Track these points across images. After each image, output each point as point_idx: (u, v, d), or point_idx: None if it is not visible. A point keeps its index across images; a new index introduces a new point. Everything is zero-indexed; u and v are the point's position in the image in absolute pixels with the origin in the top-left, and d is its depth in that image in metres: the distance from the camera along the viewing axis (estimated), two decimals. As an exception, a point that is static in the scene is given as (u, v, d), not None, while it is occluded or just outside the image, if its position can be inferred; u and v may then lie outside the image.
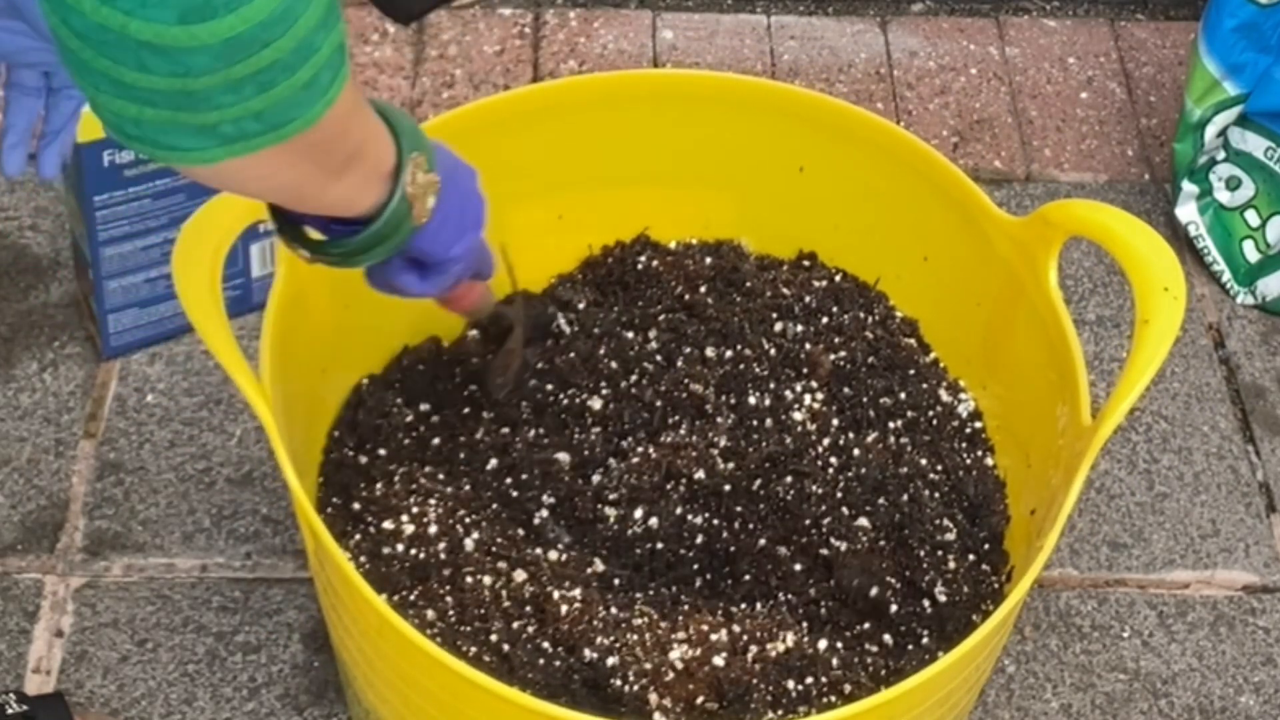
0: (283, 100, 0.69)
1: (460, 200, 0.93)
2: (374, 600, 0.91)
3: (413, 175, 0.86)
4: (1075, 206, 1.11)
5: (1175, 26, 1.77)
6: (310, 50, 0.69)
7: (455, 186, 0.92)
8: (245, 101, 0.68)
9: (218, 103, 0.68)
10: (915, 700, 0.95)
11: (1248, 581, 1.33)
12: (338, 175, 0.80)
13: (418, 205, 0.87)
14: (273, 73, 0.68)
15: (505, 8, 1.71)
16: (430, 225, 0.89)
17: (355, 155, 0.81)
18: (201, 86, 0.67)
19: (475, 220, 0.96)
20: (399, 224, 0.87)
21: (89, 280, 1.33)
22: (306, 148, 0.74)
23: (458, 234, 0.93)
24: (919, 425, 1.20)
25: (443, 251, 0.93)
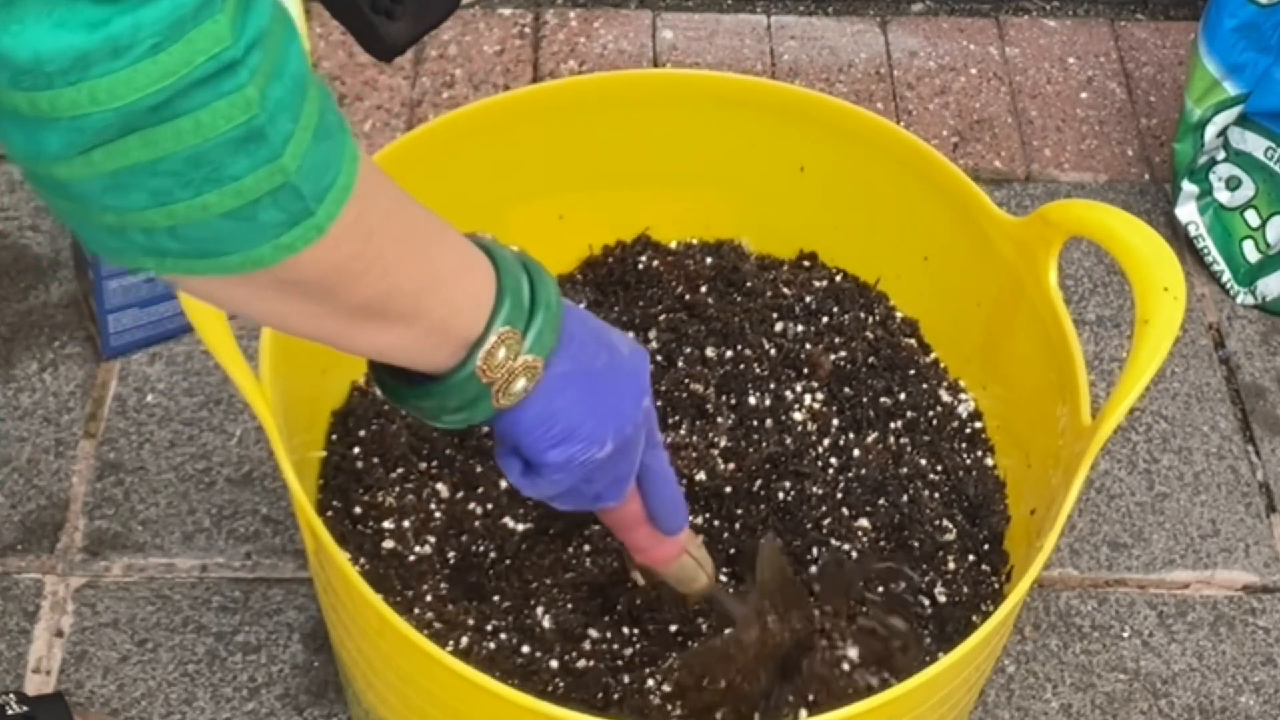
0: (196, 223, 0.58)
1: (577, 403, 0.77)
2: (374, 600, 0.91)
3: (492, 351, 0.72)
4: (1075, 206, 1.11)
5: (1175, 26, 1.77)
6: (218, 171, 0.56)
7: (578, 386, 0.77)
8: (141, 210, 0.57)
9: (102, 202, 0.57)
10: (915, 700, 0.95)
11: (1248, 581, 1.33)
12: (357, 326, 0.68)
13: (499, 388, 0.74)
14: (157, 180, 0.56)
15: (505, 8, 1.71)
16: (520, 415, 0.76)
17: (385, 312, 0.68)
18: (64, 175, 0.56)
19: (593, 433, 0.78)
20: (469, 401, 0.74)
21: (89, 280, 1.33)
22: (286, 288, 0.63)
23: (560, 438, 0.77)
24: (919, 425, 1.20)
25: (534, 452, 0.78)
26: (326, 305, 0.66)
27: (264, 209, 0.58)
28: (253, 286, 0.62)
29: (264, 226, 0.59)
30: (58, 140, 0.55)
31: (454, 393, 0.74)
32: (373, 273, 0.66)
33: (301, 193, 0.59)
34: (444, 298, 0.71)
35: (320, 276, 0.63)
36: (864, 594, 1.07)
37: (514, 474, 0.80)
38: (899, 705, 0.93)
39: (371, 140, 1.56)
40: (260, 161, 0.57)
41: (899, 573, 1.10)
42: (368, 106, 1.59)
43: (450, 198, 1.19)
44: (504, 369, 0.73)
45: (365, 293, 0.66)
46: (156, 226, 0.58)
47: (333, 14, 0.88)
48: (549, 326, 0.75)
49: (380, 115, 1.58)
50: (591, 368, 0.78)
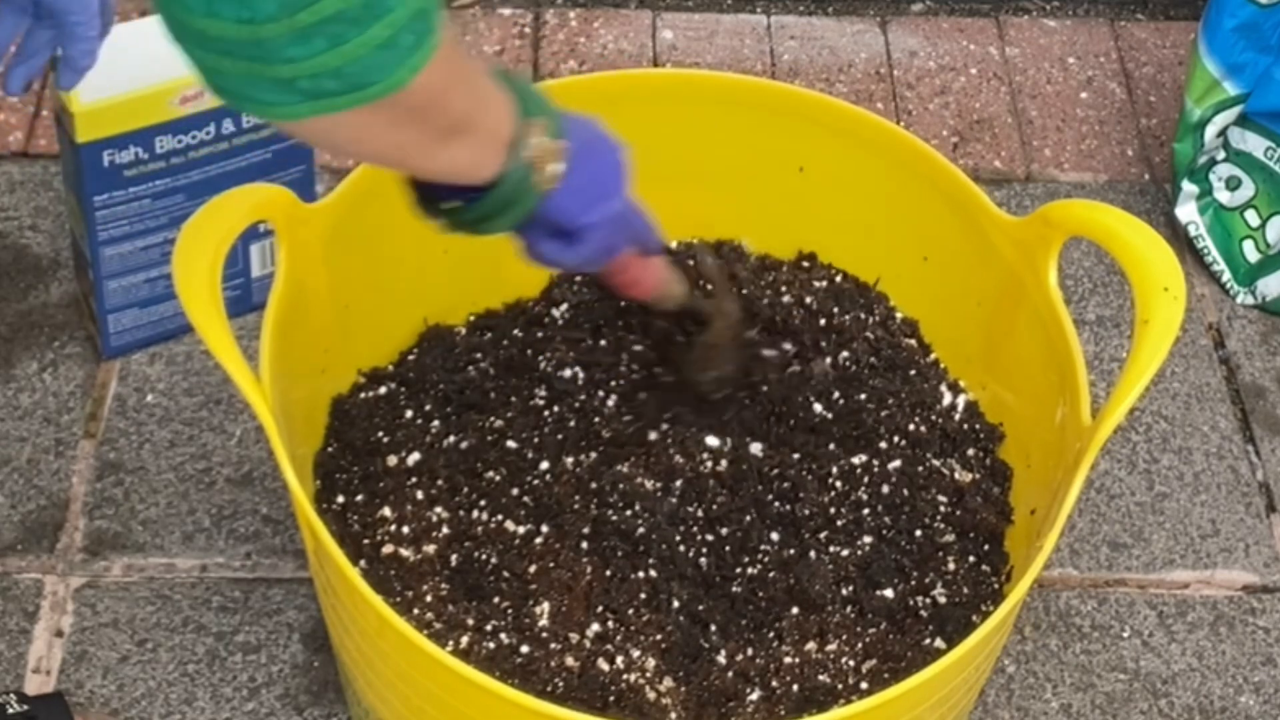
0: (357, 59, 0.69)
1: (593, 168, 0.93)
2: (373, 600, 0.91)
3: (537, 142, 0.87)
4: (1075, 206, 1.11)
5: (1175, 26, 1.77)
6: (381, 7, 0.69)
7: (587, 154, 0.92)
8: (317, 55, 0.68)
9: (288, 54, 0.68)
10: (915, 700, 0.95)
11: (1248, 581, 1.33)
12: (443, 142, 0.81)
13: (540, 172, 0.88)
14: (339, 25, 0.68)
15: (505, 8, 1.71)
16: (558, 192, 0.90)
17: (462, 123, 0.81)
18: (268, 35, 0.67)
19: (610, 188, 0.96)
20: (523, 190, 0.88)
21: (89, 280, 1.33)
22: (399, 112, 0.75)
23: (590, 201, 0.93)
24: (919, 426, 1.20)
25: (574, 218, 0.93)
26: (427, 127, 0.79)
27: (404, 34, 0.70)
28: (376, 117, 0.74)
29: (402, 51, 0.71)
30: (274, 5, 0.66)
31: (511, 186, 0.87)
32: (459, 90, 0.79)
33: (427, 13, 0.72)
34: (494, 106, 0.85)
35: (429, 98, 0.76)
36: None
37: (554, 253, 0.95)
38: (899, 705, 0.93)
39: (371, 140, 1.56)
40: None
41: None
42: (368, 106, 1.59)
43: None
44: (543, 153, 0.88)
45: (455, 109, 0.80)
46: (325, 69, 0.69)
47: None
48: (553, 113, 0.89)
49: (380, 115, 1.58)
50: (585, 139, 0.93)
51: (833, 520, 1.13)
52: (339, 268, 1.11)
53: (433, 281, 1.22)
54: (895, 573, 1.11)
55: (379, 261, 1.17)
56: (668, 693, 1.04)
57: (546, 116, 0.88)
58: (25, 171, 1.50)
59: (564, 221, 0.93)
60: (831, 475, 1.16)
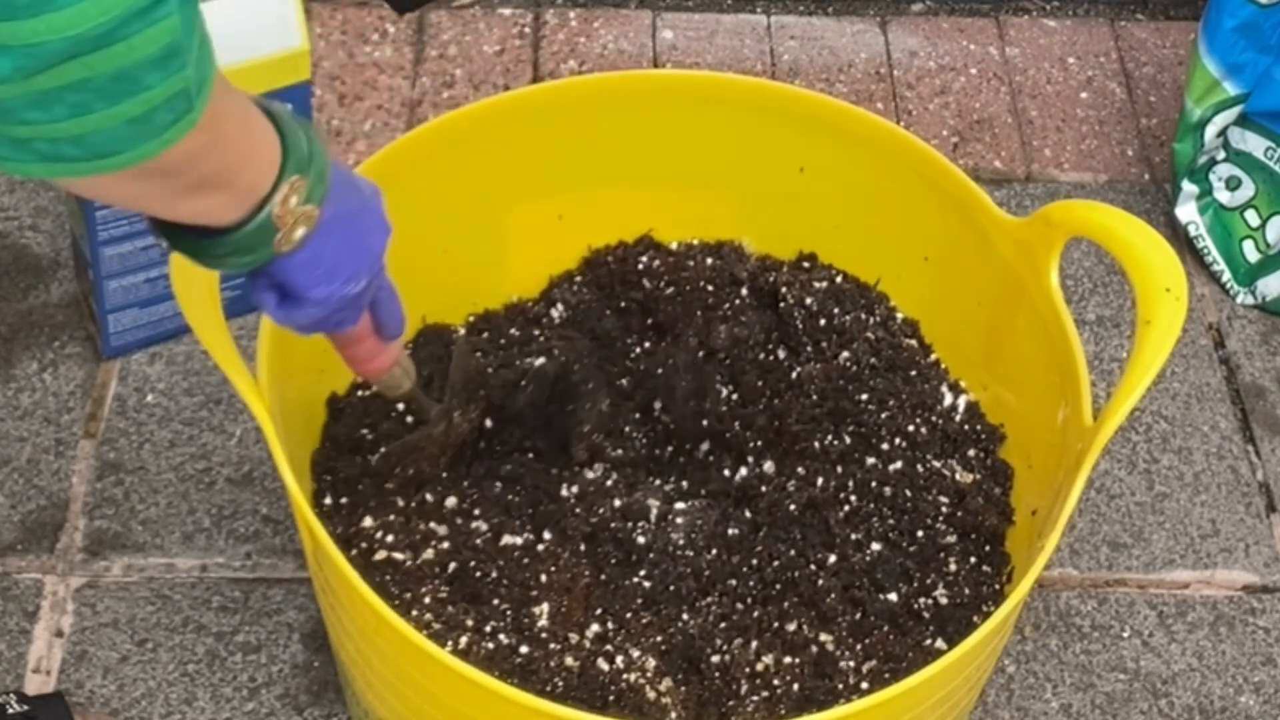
0: (101, 130, 0.65)
1: (338, 244, 0.86)
2: (372, 600, 0.91)
3: (285, 200, 0.80)
4: (1076, 207, 1.11)
5: (1175, 26, 1.77)
6: (136, 85, 0.64)
7: (341, 229, 0.86)
8: (57, 122, 0.64)
9: (24, 117, 0.63)
10: (916, 700, 0.95)
11: (1248, 581, 1.33)
12: (187, 197, 0.76)
13: (283, 233, 0.82)
14: (84, 95, 0.63)
15: (505, 8, 1.71)
16: (293, 257, 0.84)
17: (212, 181, 0.76)
18: (2, 95, 0.62)
19: (351, 271, 0.89)
20: (259, 243, 0.82)
21: (89, 280, 1.33)
22: (145, 175, 0.70)
23: (326, 278, 0.87)
24: (920, 426, 1.20)
25: (303, 289, 0.86)
26: (171, 185, 0.74)
27: (160, 113, 0.66)
28: (121, 177, 0.69)
29: (157, 127, 0.67)
30: (9, 64, 0.61)
31: (249, 237, 0.81)
32: (213, 154, 0.75)
33: (190, 94, 0.67)
34: (254, 164, 0.79)
35: (176, 164, 0.71)
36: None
37: (270, 306, 0.88)
38: (899, 704, 0.93)
39: (371, 140, 1.56)
40: (170, 74, 0.65)
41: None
42: (368, 106, 1.59)
43: (450, 198, 1.20)
44: (292, 215, 0.82)
45: (203, 171, 0.75)
46: (65, 136, 0.65)
47: None
48: (320, 177, 0.83)
49: (380, 115, 1.58)
50: (348, 211, 0.87)
51: (833, 520, 1.13)
52: (339, 268, 1.11)
53: (431, 281, 1.22)
54: (897, 573, 1.11)
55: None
56: (667, 692, 1.04)
57: (309, 177, 0.81)
58: None
59: (290, 286, 0.86)
60: (832, 476, 1.16)
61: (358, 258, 0.89)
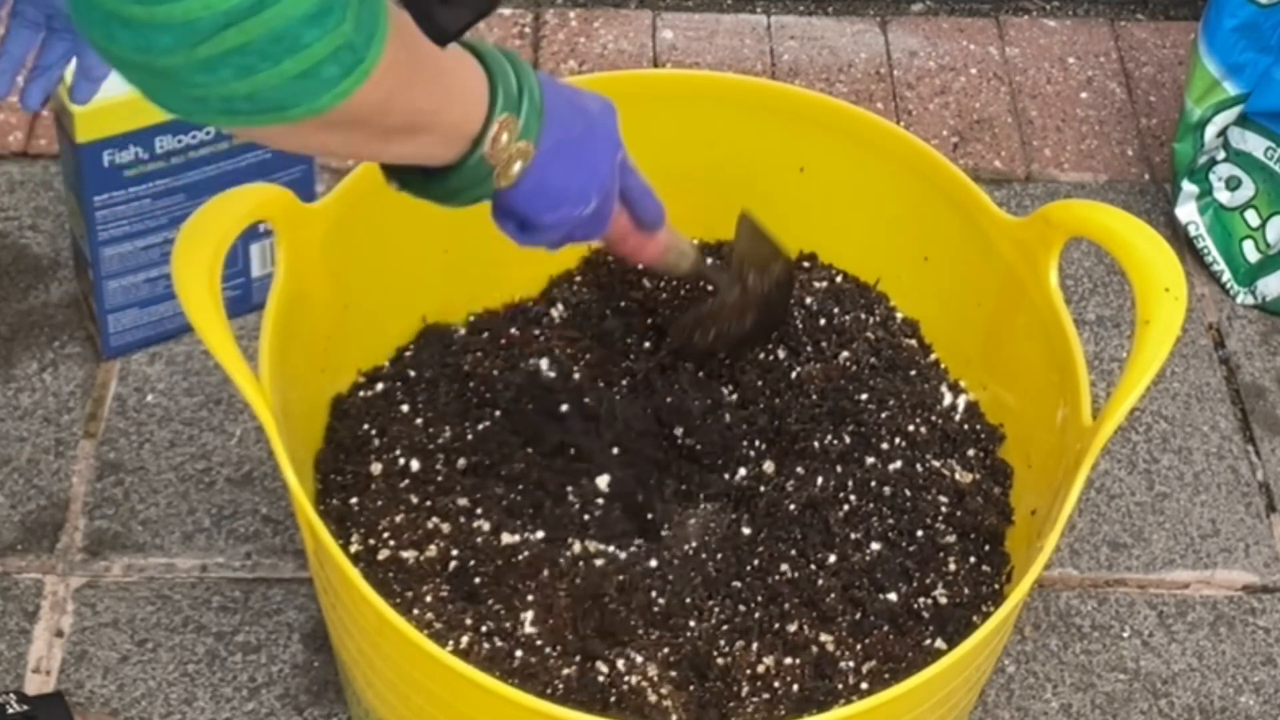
0: (270, 87, 0.68)
1: (560, 173, 0.90)
2: (373, 599, 0.91)
3: (496, 139, 0.84)
4: (1076, 207, 1.11)
5: (1175, 26, 1.77)
6: (294, 42, 0.67)
7: (563, 157, 0.90)
8: (225, 83, 0.67)
9: (192, 80, 0.67)
10: (916, 700, 0.95)
11: (1248, 581, 1.33)
12: (388, 142, 0.79)
13: (500, 170, 0.86)
14: (245, 58, 0.66)
15: (505, 8, 1.71)
16: (517, 189, 0.88)
17: (411, 126, 0.80)
18: (166, 65, 0.66)
19: (578, 194, 0.92)
20: (479, 179, 0.86)
21: (89, 280, 1.33)
22: (332, 125, 0.73)
23: (553, 204, 0.91)
24: (919, 426, 1.20)
25: (534, 216, 0.91)
26: (365, 132, 0.77)
27: (326, 66, 0.68)
28: (308, 129, 0.72)
29: (326, 81, 0.69)
30: (169, 39, 0.64)
31: (466, 176, 0.85)
32: (402, 101, 0.77)
33: (355, 46, 0.69)
34: (456, 106, 0.82)
35: (363, 113, 0.74)
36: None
37: (512, 232, 0.93)
38: (899, 705, 0.93)
39: (371, 140, 1.56)
40: (328, 30, 0.67)
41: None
42: (368, 106, 1.59)
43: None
44: (506, 152, 0.85)
45: (397, 118, 0.77)
46: (237, 94, 0.67)
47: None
48: (534, 111, 0.86)
49: (380, 115, 1.58)
50: (571, 136, 0.90)
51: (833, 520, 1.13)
52: (339, 268, 1.11)
53: (432, 281, 1.22)
54: (896, 573, 1.11)
55: (378, 261, 1.17)
56: (668, 694, 1.04)
57: (521, 113, 0.85)
58: (25, 171, 1.50)
59: (524, 216, 0.91)
60: (831, 476, 1.16)
61: (585, 181, 0.92)
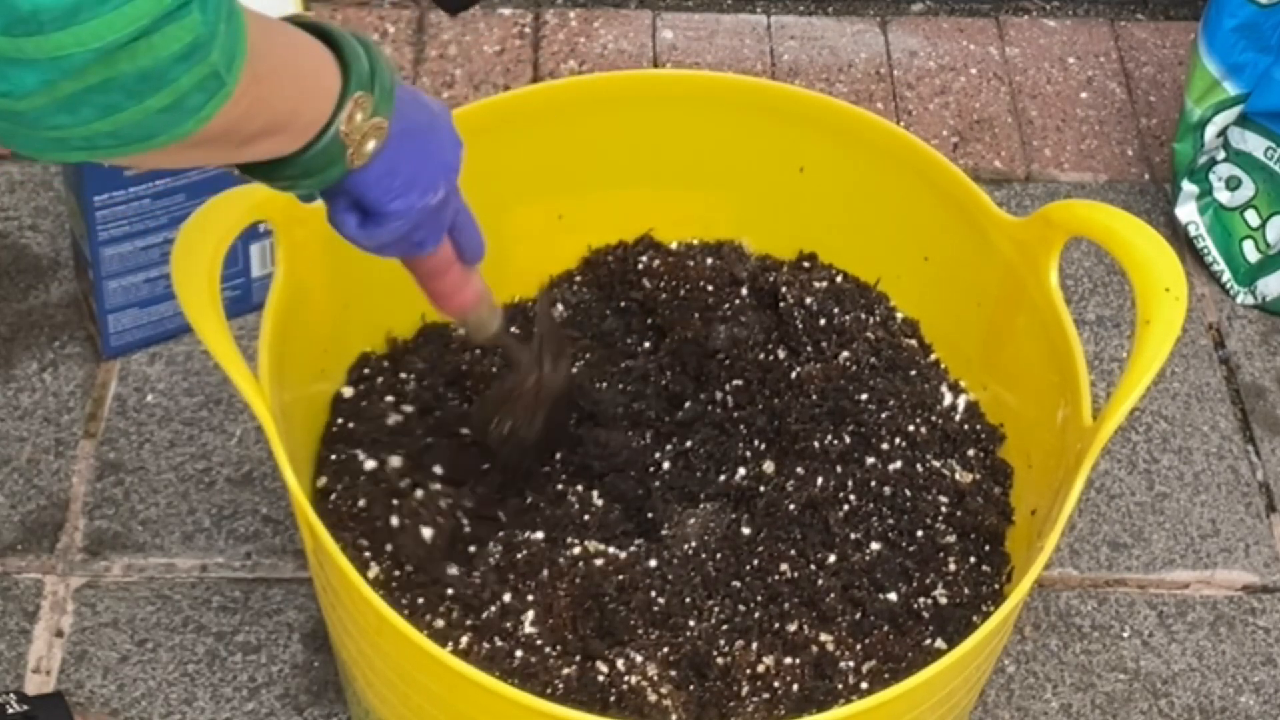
0: (134, 123, 0.65)
1: (411, 154, 0.87)
2: (373, 599, 0.91)
3: (351, 116, 0.81)
4: (1077, 207, 1.11)
5: (1175, 26, 1.77)
6: (160, 79, 0.64)
7: (414, 140, 0.87)
8: (87, 123, 0.64)
9: (52, 122, 0.63)
10: (915, 700, 0.95)
11: (1248, 581, 1.33)
12: (247, 146, 0.76)
13: (354, 149, 0.82)
14: (109, 96, 0.63)
15: (505, 8, 1.71)
16: (367, 170, 0.84)
17: (270, 129, 0.77)
18: (27, 108, 0.62)
19: (427, 181, 0.89)
20: (330, 161, 0.82)
21: (89, 280, 1.33)
22: (193, 145, 0.70)
23: (403, 189, 0.87)
24: (919, 426, 1.20)
25: (382, 202, 0.87)
26: (225, 144, 0.74)
27: (191, 97, 0.66)
28: (167, 153, 0.69)
29: (189, 110, 0.67)
30: (34, 78, 0.60)
31: (316, 160, 0.81)
32: (261, 111, 0.74)
33: (219, 73, 0.67)
34: (311, 101, 0.80)
35: (224, 129, 0.71)
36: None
37: (351, 228, 0.89)
38: (899, 705, 0.93)
39: (371, 140, 1.56)
40: (196, 63, 0.65)
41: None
42: (368, 106, 1.59)
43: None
44: (359, 131, 0.82)
45: (256, 125, 0.75)
46: (99, 132, 0.64)
47: None
48: (385, 92, 0.83)
49: (380, 115, 1.58)
50: (419, 123, 0.87)
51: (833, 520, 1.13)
52: (338, 267, 1.11)
53: (433, 281, 1.22)
54: (896, 573, 1.11)
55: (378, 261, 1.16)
56: (668, 694, 1.04)
57: (373, 92, 0.82)
58: (25, 171, 1.50)
59: (367, 201, 0.87)
60: (831, 476, 1.16)
61: (433, 168, 0.90)
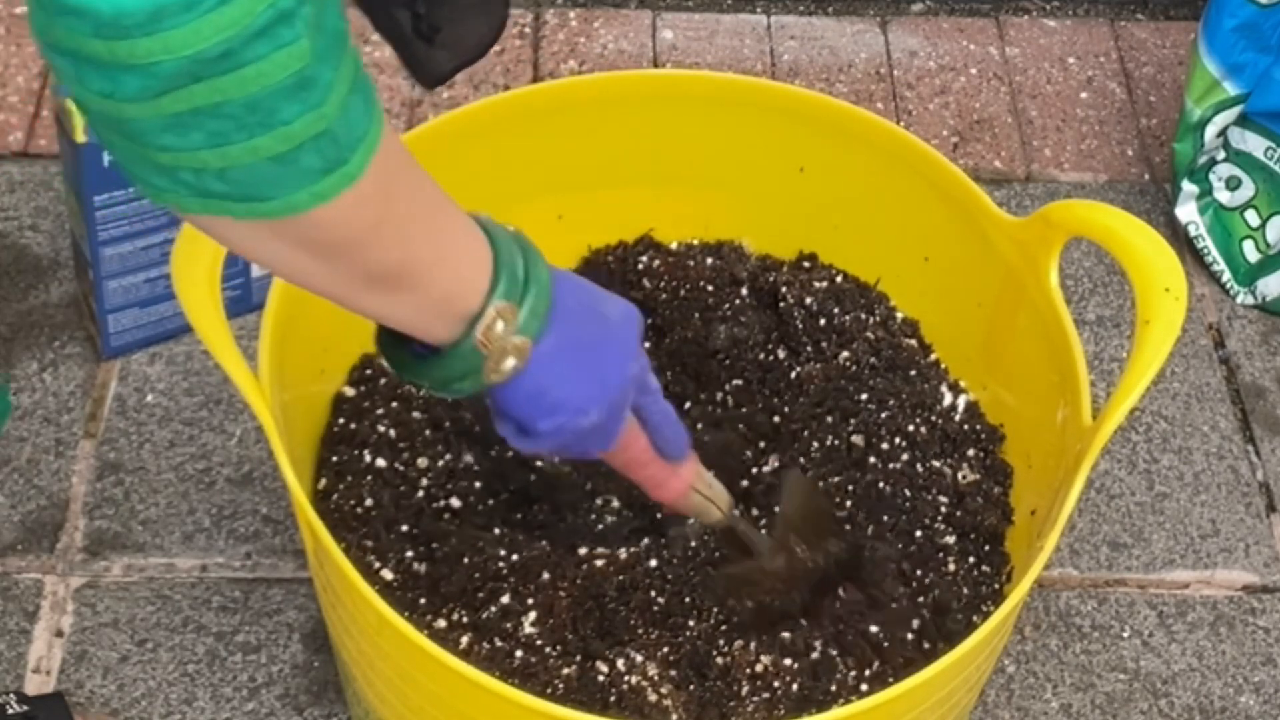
0: (244, 166, 0.63)
1: (568, 375, 0.81)
2: (373, 599, 0.91)
3: (491, 326, 0.77)
4: (1077, 207, 1.11)
5: (1175, 26, 1.77)
6: (271, 116, 0.62)
7: (568, 359, 0.81)
8: (196, 150, 0.63)
9: (162, 142, 0.63)
10: (915, 700, 0.95)
11: (1248, 581, 1.33)
12: (368, 288, 0.73)
13: (493, 364, 0.78)
14: (219, 122, 0.62)
15: (505, 8, 1.71)
16: (511, 388, 0.80)
17: (394, 277, 0.73)
18: (133, 115, 0.62)
19: (581, 405, 0.83)
20: (466, 371, 0.78)
21: (89, 280, 1.33)
22: (305, 241, 0.68)
23: (549, 411, 0.82)
24: (919, 426, 1.20)
25: (528, 421, 0.83)
26: (343, 266, 0.71)
27: (306, 153, 0.64)
28: (281, 239, 0.67)
29: (304, 171, 0.64)
30: (134, 83, 0.60)
31: (454, 364, 0.78)
32: (389, 239, 0.71)
33: (339, 140, 0.65)
34: (449, 269, 0.76)
35: (342, 236, 0.68)
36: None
37: (509, 435, 0.85)
38: (899, 705, 0.93)
39: (371, 140, 1.56)
40: (308, 108, 0.63)
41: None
42: (368, 106, 1.59)
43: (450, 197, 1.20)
44: (499, 343, 0.78)
45: (379, 258, 0.71)
46: (208, 168, 0.63)
47: (382, 36, 0.93)
48: (540, 304, 0.79)
49: (380, 115, 1.58)
50: (580, 339, 0.82)
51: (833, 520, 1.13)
52: (339, 268, 1.11)
53: (433, 281, 1.22)
54: (896, 574, 1.11)
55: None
56: (668, 694, 1.04)
57: (524, 304, 0.77)
58: (25, 171, 1.50)
59: (517, 419, 0.83)
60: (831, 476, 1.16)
61: (587, 392, 0.83)
